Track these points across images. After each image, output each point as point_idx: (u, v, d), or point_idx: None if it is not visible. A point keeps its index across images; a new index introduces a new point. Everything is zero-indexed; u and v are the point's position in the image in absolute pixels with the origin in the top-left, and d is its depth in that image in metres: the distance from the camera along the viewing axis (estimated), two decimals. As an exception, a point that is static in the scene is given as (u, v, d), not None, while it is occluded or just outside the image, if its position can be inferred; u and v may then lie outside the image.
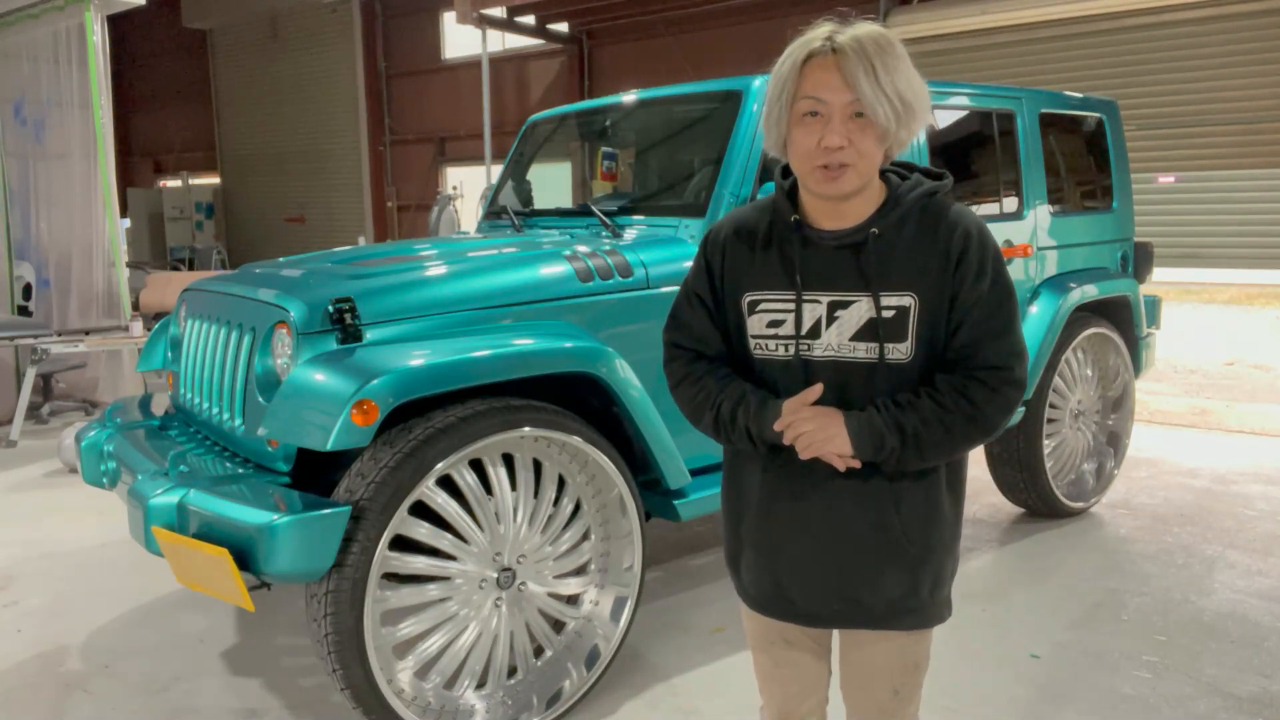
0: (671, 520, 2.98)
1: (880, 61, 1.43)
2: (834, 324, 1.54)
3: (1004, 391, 1.51)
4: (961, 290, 1.51)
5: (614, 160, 4.02)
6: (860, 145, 1.46)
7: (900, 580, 1.60)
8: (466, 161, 15.41)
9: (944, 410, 1.50)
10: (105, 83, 6.61)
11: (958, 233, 1.52)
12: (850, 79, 1.43)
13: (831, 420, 1.52)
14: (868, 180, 1.51)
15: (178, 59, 20.25)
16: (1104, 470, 4.60)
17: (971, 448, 1.57)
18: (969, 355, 1.52)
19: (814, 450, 1.53)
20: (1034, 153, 4.14)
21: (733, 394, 1.61)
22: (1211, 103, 9.02)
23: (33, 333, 6.45)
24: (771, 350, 1.59)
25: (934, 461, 1.55)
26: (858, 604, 1.62)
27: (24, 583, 3.85)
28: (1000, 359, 1.51)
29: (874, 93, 1.42)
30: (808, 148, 1.48)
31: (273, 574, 2.25)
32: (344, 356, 2.45)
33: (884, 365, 1.53)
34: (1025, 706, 2.80)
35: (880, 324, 1.52)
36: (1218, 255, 9.19)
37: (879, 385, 1.54)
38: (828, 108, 1.45)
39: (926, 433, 1.50)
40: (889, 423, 1.51)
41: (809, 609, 1.66)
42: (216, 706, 2.87)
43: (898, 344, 1.52)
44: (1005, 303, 1.53)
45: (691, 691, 2.92)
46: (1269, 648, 3.15)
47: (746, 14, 11.78)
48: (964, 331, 1.52)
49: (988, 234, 1.55)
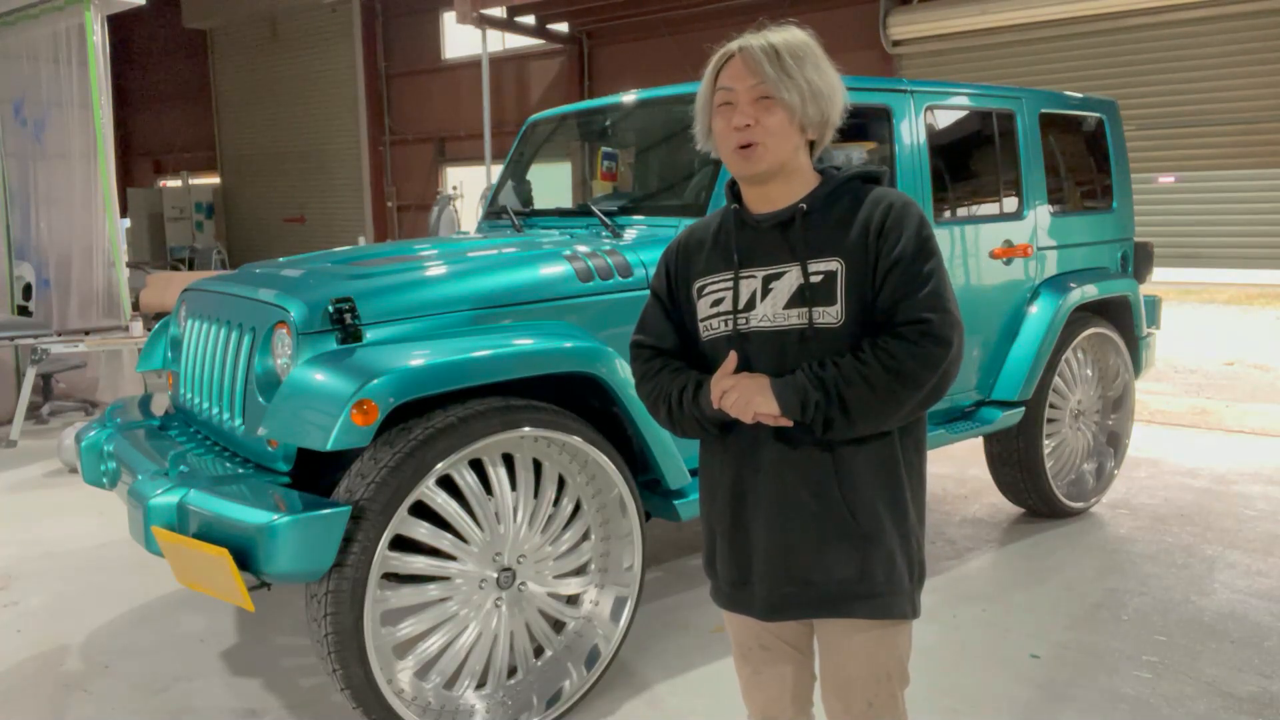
0: (671, 520, 2.98)
1: (787, 51, 1.57)
2: (769, 295, 1.62)
3: (923, 345, 1.53)
4: (882, 253, 1.58)
5: (614, 160, 4.02)
6: (767, 123, 1.57)
7: (848, 559, 1.63)
8: (466, 161, 15.41)
9: (863, 365, 1.54)
10: (105, 83, 6.61)
11: (882, 204, 1.62)
12: (755, 66, 1.57)
13: (757, 381, 1.59)
14: (783, 158, 1.61)
15: (178, 59, 20.25)
16: (1104, 470, 4.60)
17: (902, 410, 1.57)
18: (891, 313, 1.57)
19: (742, 410, 1.59)
20: (1034, 153, 4.14)
21: (679, 383, 1.69)
22: (1211, 103, 9.02)
23: (33, 333, 6.45)
24: (715, 328, 1.67)
25: (866, 423, 1.57)
26: (808, 584, 1.65)
27: (24, 583, 3.85)
28: (917, 313, 1.54)
29: (777, 74, 1.56)
30: (723, 131, 1.62)
31: (273, 574, 2.25)
32: (344, 356, 2.45)
33: (814, 329, 1.58)
34: (1025, 706, 2.80)
35: (808, 289, 1.59)
36: (1218, 255, 9.19)
37: (812, 350, 1.59)
38: (735, 94, 1.60)
39: (849, 389, 1.53)
40: (811, 378, 1.55)
41: (767, 598, 1.68)
42: (216, 706, 2.87)
43: (827, 307, 1.58)
44: (926, 262, 1.57)
45: (691, 691, 2.92)
46: (1269, 648, 3.15)
47: (746, 14, 11.77)
48: (884, 292, 1.57)
49: (913, 205, 1.63)
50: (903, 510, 1.66)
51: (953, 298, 1.59)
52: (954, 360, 1.57)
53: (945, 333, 1.55)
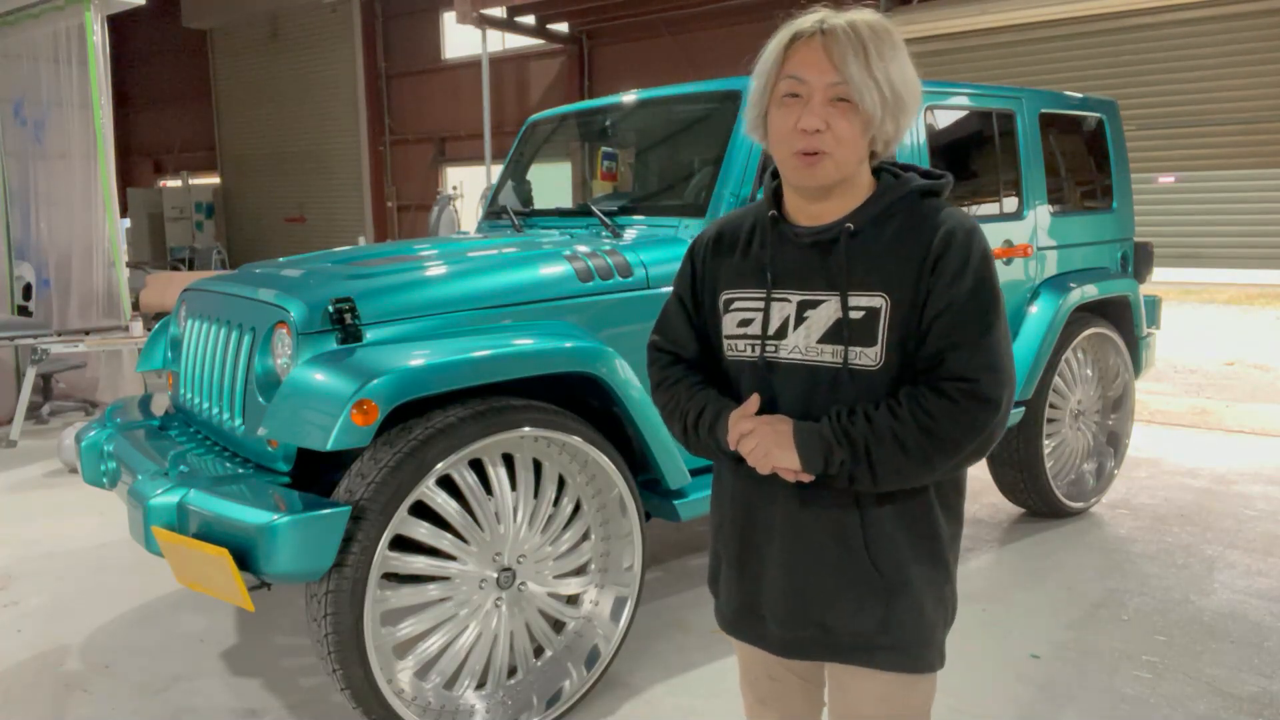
0: (671, 520, 2.98)
1: (874, 46, 1.34)
2: (802, 324, 1.44)
3: (967, 406, 1.34)
4: (935, 291, 1.37)
5: (614, 160, 4.02)
6: (839, 131, 1.35)
7: (869, 611, 1.46)
8: (466, 161, 15.42)
9: (897, 421, 1.36)
10: (105, 83, 6.61)
11: (942, 231, 1.39)
12: (837, 60, 1.33)
13: (778, 431, 1.41)
14: (847, 173, 1.40)
15: (178, 59, 20.26)
16: (1104, 470, 4.60)
17: (933, 473, 1.39)
18: (936, 364, 1.37)
19: (759, 461, 1.43)
20: (1034, 153, 4.14)
21: (698, 404, 1.53)
22: (1211, 103, 9.02)
23: (33, 333, 6.45)
24: (740, 351, 1.50)
25: (890, 484, 1.40)
26: (824, 629, 1.49)
27: (24, 583, 3.85)
28: (968, 369, 1.35)
29: (862, 75, 1.33)
30: (784, 130, 1.38)
31: (273, 574, 2.25)
32: (344, 356, 2.45)
33: (848, 371, 1.41)
34: (1025, 706, 2.80)
35: (846, 325, 1.40)
36: (1218, 255, 9.19)
37: (844, 393, 1.41)
38: (808, 88, 1.36)
39: (878, 447, 1.36)
40: (838, 433, 1.38)
41: (782, 637, 1.54)
42: (216, 706, 2.87)
43: (865, 348, 1.40)
44: (984, 311, 1.37)
45: (691, 691, 2.92)
46: (1269, 648, 3.15)
47: (746, 14, 11.78)
48: (933, 338, 1.37)
49: (978, 237, 1.41)
50: (936, 560, 1.49)
51: (1008, 351, 1.39)
52: (1000, 423, 1.38)
53: (994, 393, 1.35)
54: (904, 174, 1.48)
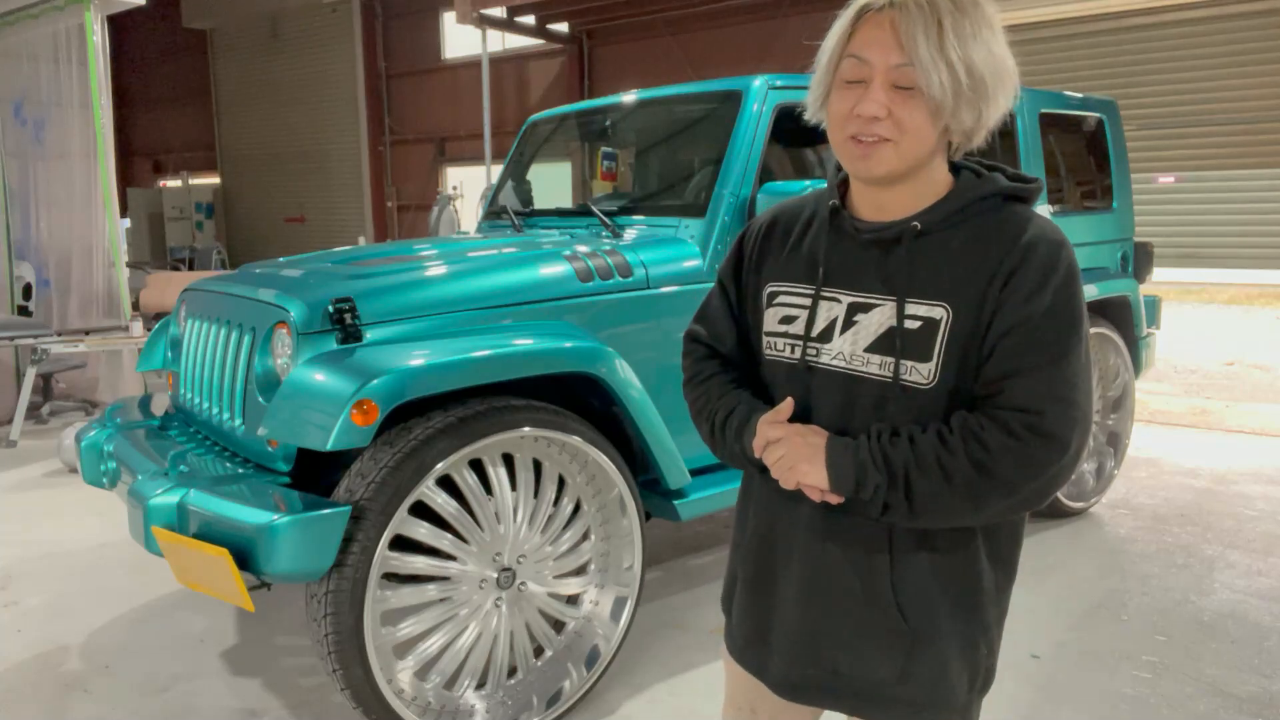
0: (671, 520, 2.98)
1: (952, 21, 1.16)
2: (850, 329, 1.28)
3: (1028, 443, 1.16)
4: (1004, 307, 1.19)
5: (614, 160, 4.02)
6: (902, 118, 1.19)
7: (888, 659, 1.31)
8: (466, 161, 15.43)
9: (946, 450, 1.19)
10: (105, 83, 6.61)
11: (1023, 241, 1.21)
12: (905, 38, 1.16)
13: (810, 443, 1.26)
14: (911, 163, 1.23)
15: (178, 59, 20.28)
16: (1104, 470, 4.60)
17: (980, 515, 1.22)
18: (997, 391, 1.20)
19: (784, 474, 1.28)
20: (1034, 153, 4.14)
21: (728, 404, 1.40)
22: (1211, 103, 9.03)
23: (33, 333, 6.45)
24: (779, 350, 1.35)
25: (929, 521, 1.23)
26: (836, 674, 1.35)
27: (24, 583, 3.85)
28: (1032, 400, 1.17)
29: (931, 56, 1.15)
30: (841, 113, 1.23)
31: (273, 574, 2.25)
32: (344, 356, 2.45)
33: (898, 386, 1.24)
34: (1025, 706, 2.80)
35: (899, 336, 1.23)
36: (1218, 255, 9.20)
37: (890, 412, 1.25)
38: (871, 71, 1.19)
39: (920, 478, 1.19)
40: (875, 454, 1.22)
41: (787, 674, 1.39)
42: (216, 706, 2.87)
43: (919, 364, 1.22)
44: (1061, 336, 1.18)
45: (691, 691, 2.92)
46: (1269, 648, 3.15)
47: (746, 14, 11.78)
48: (996, 360, 1.20)
49: (1066, 252, 1.22)
50: (973, 614, 1.32)
51: (1087, 387, 1.20)
52: (1067, 467, 1.19)
53: (1062, 431, 1.17)
54: (988, 173, 1.31)
